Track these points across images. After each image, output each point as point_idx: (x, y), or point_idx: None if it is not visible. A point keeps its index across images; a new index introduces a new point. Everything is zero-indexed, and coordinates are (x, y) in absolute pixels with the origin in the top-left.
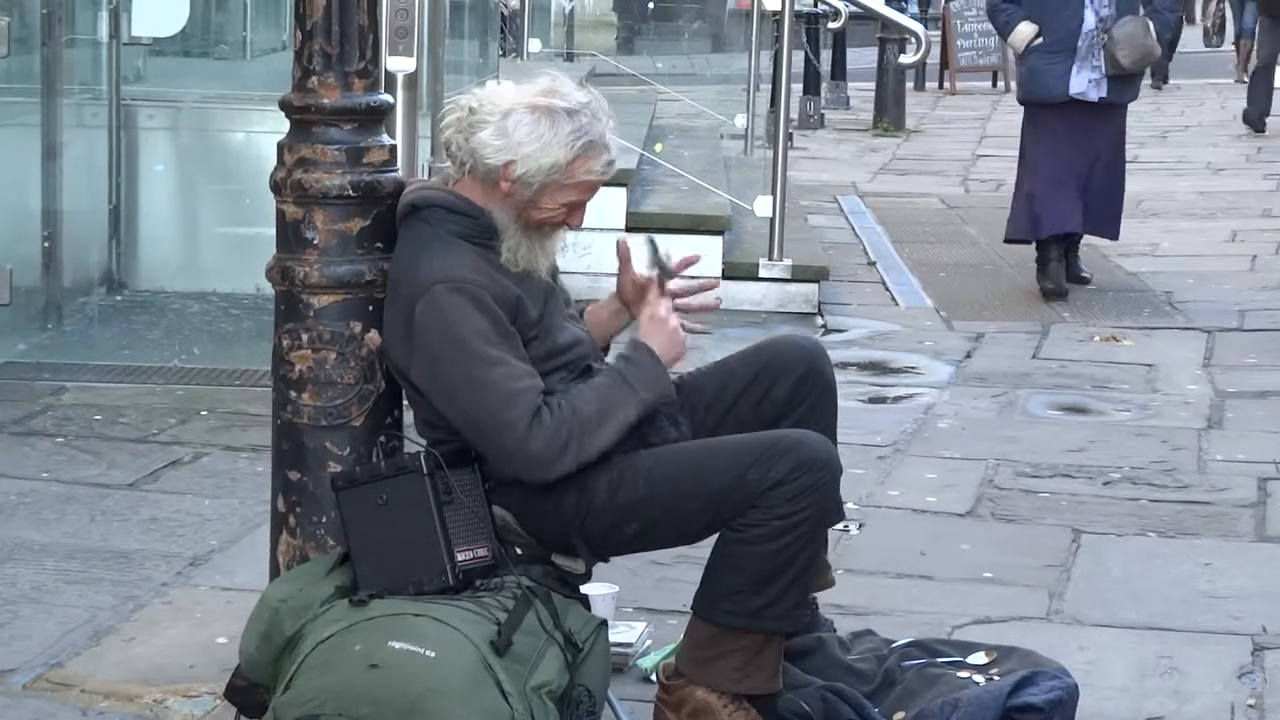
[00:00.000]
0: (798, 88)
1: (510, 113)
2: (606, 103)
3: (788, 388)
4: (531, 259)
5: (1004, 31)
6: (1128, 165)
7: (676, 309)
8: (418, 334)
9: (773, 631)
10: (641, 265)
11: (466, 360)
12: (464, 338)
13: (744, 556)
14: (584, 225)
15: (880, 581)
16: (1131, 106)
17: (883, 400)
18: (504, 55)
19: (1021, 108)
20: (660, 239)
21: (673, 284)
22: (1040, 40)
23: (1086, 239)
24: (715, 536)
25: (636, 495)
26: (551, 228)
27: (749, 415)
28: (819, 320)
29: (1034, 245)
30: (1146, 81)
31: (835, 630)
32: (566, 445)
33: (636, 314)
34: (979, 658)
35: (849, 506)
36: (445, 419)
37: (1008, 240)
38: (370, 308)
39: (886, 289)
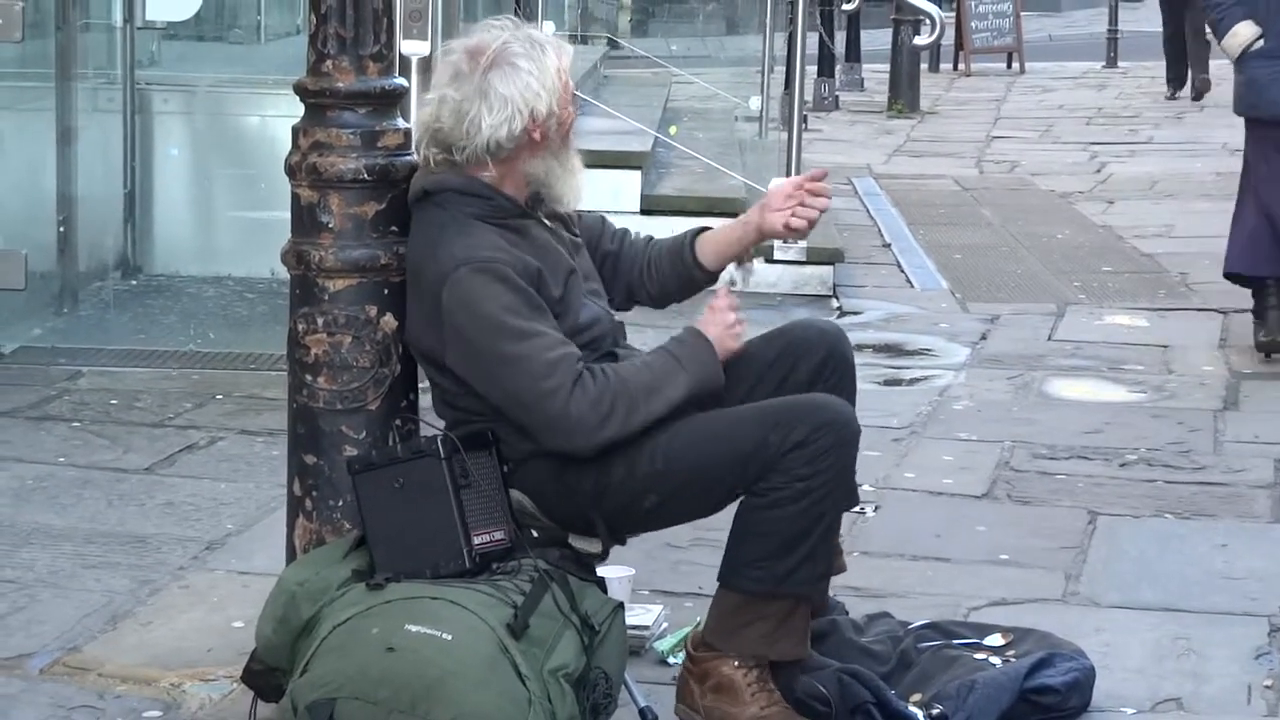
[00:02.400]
0: (812, 69)
1: (484, 90)
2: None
3: (809, 371)
4: (577, 182)
5: (1217, 31)
6: (1144, 146)
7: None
8: (447, 319)
9: (800, 596)
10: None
11: (500, 337)
12: (494, 315)
13: (767, 521)
14: (597, 208)
15: (896, 563)
16: (1147, 86)
17: (898, 382)
18: None
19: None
20: (666, 221)
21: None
22: (1260, 44)
23: (1105, 220)
24: (731, 513)
25: (656, 468)
26: (569, 142)
27: (768, 398)
28: (834, 302)
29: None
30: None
31: (847, 613)
32: (611, 412)
33: (772, 226)
34: (995, 639)
35: (865, 488)
36: (466, 398)
37: (1226, 275)
38: (385, 291)
39: (901, 271)
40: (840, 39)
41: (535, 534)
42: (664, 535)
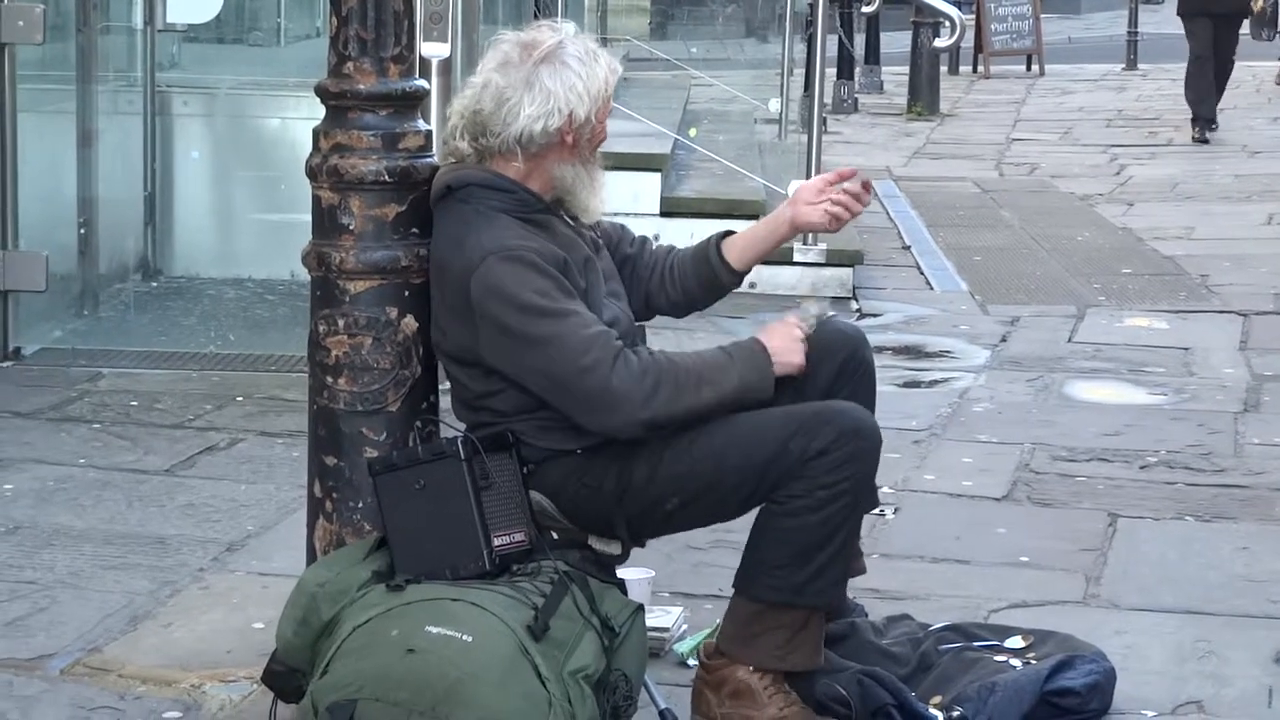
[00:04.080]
0: (831, 72)
1: (530, 81)
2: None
3: (830, 373)
4: (601, 195)
5: None
6: (1164, 148)
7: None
8: (479, 311)
9: (815, 607)
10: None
11: (535, 320)
12: (526, 299)
13: (787, 530)
14: (618, 210)
15: (916, 565)
16: (1167, 88)
17: (918, 384)
18: None
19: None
20: (686, 224)
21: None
22: None
23: (1126, 222)
24: (752, 516)
25: (677, 470)
26: (596, 156)
27: (789, 400)
28: (854, 305)
29: None
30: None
31: (867, 614)
32: (655, 390)
33: (807, 219)
34: (1016, 641)
35: (884, 490)
36: (487, 399)
37: None
38: (406, 293)
39: (921, 273)
40: (860, 41)
41: (555, 535)
42: (684, 537)
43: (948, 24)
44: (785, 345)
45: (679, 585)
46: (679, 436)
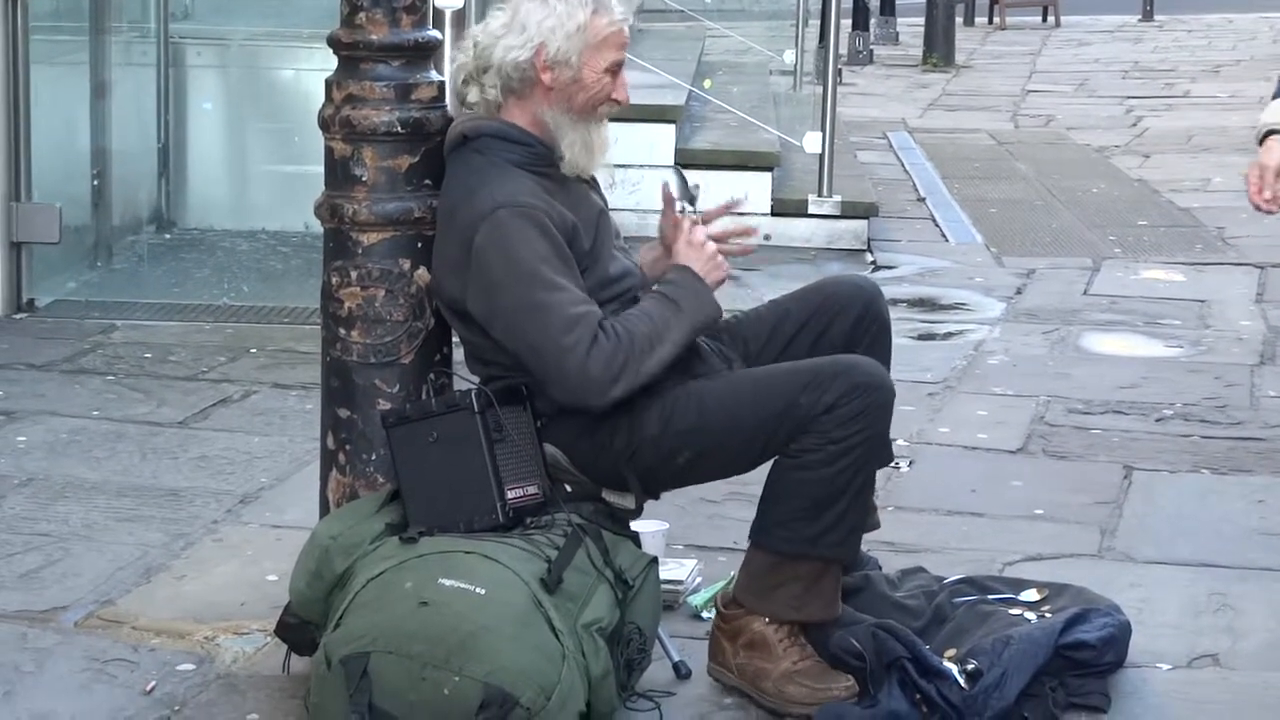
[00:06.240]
0: (847, 23)
1: (516, 11)
2: None
3: (844, 328)
4: (588, 156)
5: None
6: (1180, 100)
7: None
8: (477, 259)
9: (830, 558)
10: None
11: (529, 284)
12: (527, 260)
13: (800, 482)
14: (632, 162)
15: (931, 518)
16: (1183, 40)
17: (933, 337)
18: None
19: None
20: (701, 175)
21: (713, 226)
22: None
23: (1142, 174)
24: (766, 468)
25: (688, 424)
26: (601, 113)
27: (804, 355)
28: (868, 257)
29: None
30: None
31: (881, 568)
32: (623, 369)
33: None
34: (1031, 595)
35: (899, 443)
36: (498, 354)
37: None
38: (419, 245)
39: (936, 225)
40: None
41: (569, 488)
42: (698, 490)
43: None
44: (707, 266)
45: (693, 538)
46: (689, 392)
